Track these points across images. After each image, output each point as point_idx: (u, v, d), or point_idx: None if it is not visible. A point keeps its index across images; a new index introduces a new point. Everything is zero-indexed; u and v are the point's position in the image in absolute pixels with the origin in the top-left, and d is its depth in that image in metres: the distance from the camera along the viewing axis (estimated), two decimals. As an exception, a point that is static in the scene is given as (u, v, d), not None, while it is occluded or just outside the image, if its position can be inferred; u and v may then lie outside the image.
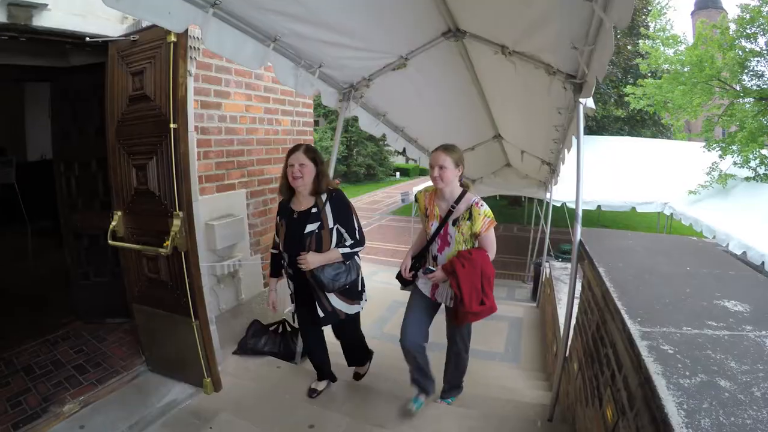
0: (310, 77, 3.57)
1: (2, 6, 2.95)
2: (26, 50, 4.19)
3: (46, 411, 3.48)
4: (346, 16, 2.90)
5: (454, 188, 3.22)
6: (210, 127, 4.07)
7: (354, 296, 3.46)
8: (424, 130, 5.68)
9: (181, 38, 3.06)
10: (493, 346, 6.19)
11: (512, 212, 21.74)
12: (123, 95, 3.51)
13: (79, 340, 4.64)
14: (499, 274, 11.91)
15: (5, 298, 6.21)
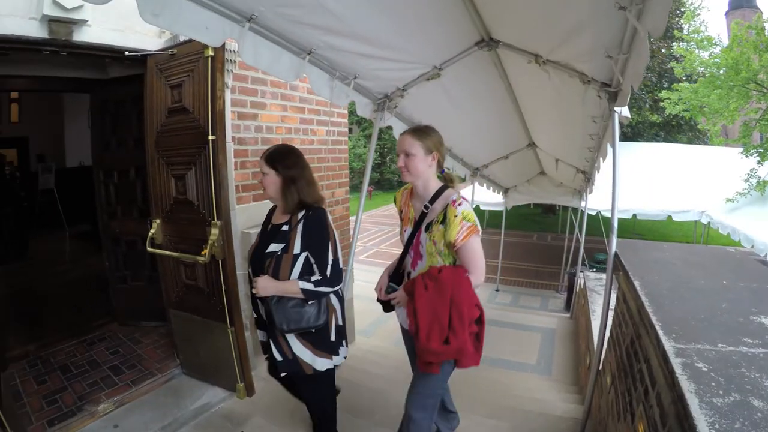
0: (345, 88, 3.58)
1: (44, 22, 3.10)
2: (67, 63, 4.37)
3: (81, 409, 3.59)
4: (380, 28, 2.91)
5: (428, 183, 2.50)
6: (247, 138, 4.13)
7: (322, 346, 2.66)
8: (457, 139, 5.69)
9: (218, 52, 3.15)
10: (525, 357, 6.12)
11: (546, 220, 21.42)
12: (162, 107, 3.61)
13: (115, 341, 4.78)
14: (533, 284, 12.03)
15: (44, 299, 6.41)
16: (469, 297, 2.31)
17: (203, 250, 3.28)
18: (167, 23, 2.33)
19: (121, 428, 3.40)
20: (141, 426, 3.41)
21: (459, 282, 2.28)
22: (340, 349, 2.74)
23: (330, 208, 5.21)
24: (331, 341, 2.68)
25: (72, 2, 3.11)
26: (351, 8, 2.63)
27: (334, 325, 2.70)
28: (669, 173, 11.60)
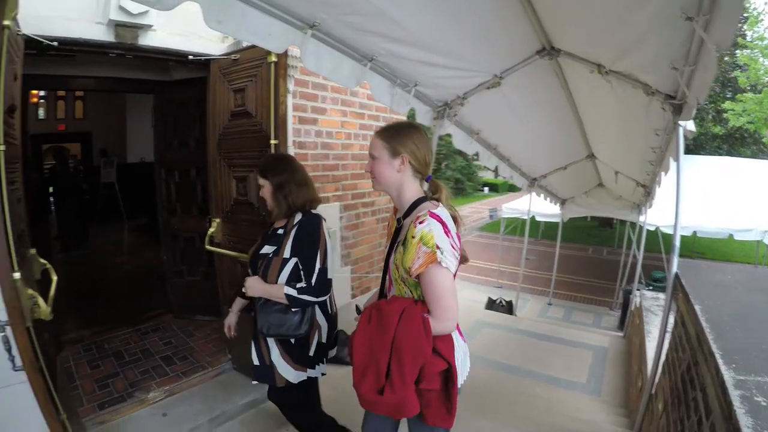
0: (405, 96, 3.60)
1: (110, 26, 3.26)
2: (132, 65, 4.57)
3: (132, 396, 3.73)
4: (442, 36, 2.90)
5: (402, 192, 2.04)
6: (307, 142, 4.22)
7: (300, 359, 2.56)
8: (516, 148, 5.61)
9: (281, 58, 3.21)
10: (575, 375, 5.97)
11: (603, 234, 20.92)
12: (225, 110, 3.70)
13: (169, 333, 4.94)
14: (586, 299, 11.82)
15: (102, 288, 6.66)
16: (418, 343, 1.74)
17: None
18: (231, 30, 2.40)
19: (170, 417, 3.51)
20: (189, 416, 3.51)
21: (408, 321, 1.77)
22: (317, 366, 2.63)
23: (385, 215, 5.25)
24: (310, 356, 2.58)
25: (137, 8, 3.24)
26: (412, 16, 2.63)
27: (316, 341, 2.60)
28: (731, 189, 11.07)
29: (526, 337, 7.26)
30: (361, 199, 5.03)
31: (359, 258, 5.08)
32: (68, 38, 3.14)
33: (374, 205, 5.16)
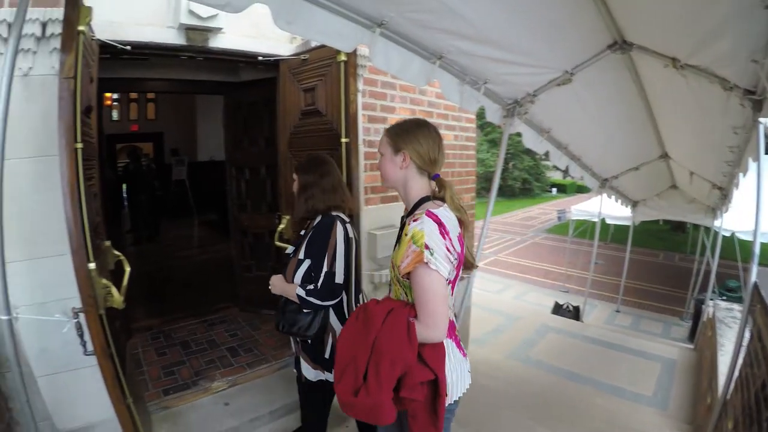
0: (475, 93, 3.53)
1: (181, 30, 3.36)
2: (202, 67, 4.76)
3: (196, 384, 3.84)
4: (511, 32, 2.83)
5: (408, 190, 1.99)
6: (377, 141, 4.16)
7: (317, 359, 2.57)
8: (587, 147, 5.41)
9: (350, 57, 3.22)
10: (641, 387, 5.74)
11: (675, 239, 20.02)
12: (295, 109, 3.76)
13: (235, 325, 5.06)
14: (656, 308, 11.41)
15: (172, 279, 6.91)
16: (398, 347, 1.64)
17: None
18: (300, 30, 2.42)
19: (232, 406, 3.59)
20: (250, 407, 3.57)
21: (392, 323, 1.69)
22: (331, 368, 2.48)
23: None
24: (325, 358, 2.54)
25: (207, 11, 3.33)
26: (481, 12, 2.58)
27: (330, 343, 2.54)
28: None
29: (591, 344, 7.06)
30: (427, 200, 4.94)
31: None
32: (141, 42, 3.27)
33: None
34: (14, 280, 2.35)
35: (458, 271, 1.81)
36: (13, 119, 2.01)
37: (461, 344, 1.94)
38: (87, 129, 2.54)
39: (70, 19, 2.22)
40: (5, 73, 1.86)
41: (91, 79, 2.76)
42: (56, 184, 2.28)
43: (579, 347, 6.92)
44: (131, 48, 3.18)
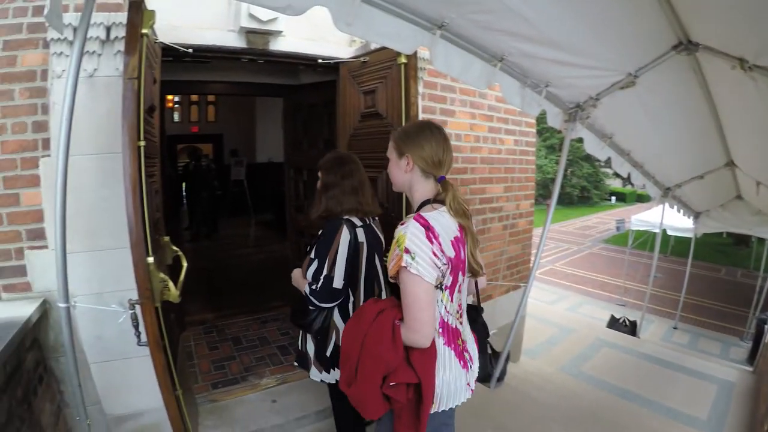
0: (536, 97, 3.44)
1: (241, 34, 3.40)
2: (262, 70, 4.82)
3: (245, 379, 3.89)
4: (573, 33, 2.73)
5: (413, 194, 1.98)
6: None
7: (320, 357, 2.61)
8: (650, 154, 5.18)
9: (411, 59, 3.18)
10: (695, 409, 5.44)
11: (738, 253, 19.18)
12: (355, 112, 3.75)
13: (287, 324, 5.08)
14: (715, 326, 11.01)
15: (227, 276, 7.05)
16: (380, 346, 1.70)
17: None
18: (360, 32, 2.40)
19: (279, 404, 3.60)
20: (297, 406, 3.59)
21: (379, 323, 1.74)
22: (332, 370, 2.58)
23: (513, 221, 5.13)
24: (327, 356, 2.57)
25: (267, 15, 3.36)
26: (542, 12, 2.50)
27: (333, 342, 2.57)
28: None
29: (646, 361, 6.76)
30: (488, 204, 4.87)
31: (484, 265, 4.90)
32: (202, 45, 3.33)
33: (502, 211, 4.99)
34: (74, 270, 2.45)
35: (455, 276, 1.77)
36: (78, 118, 2.11)
37: (465, 354, 1.90)
38: (149, 128, 2.61)
39: (133, 23, 2.30)
40: (71, 74, 1.92)
41: (154, 80, 2.84)
42: (118, 181, 2.36)
43: (633, 364, 6.66)
44: (193, 51, 3.25)
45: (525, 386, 3.92)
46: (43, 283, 2.94)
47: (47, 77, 2.86)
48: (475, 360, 1.98)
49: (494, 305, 4.72)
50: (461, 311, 1.88)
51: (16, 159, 2.87)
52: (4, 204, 2.87)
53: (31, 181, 2.89)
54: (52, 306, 2.93)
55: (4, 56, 2.82)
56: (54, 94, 2.82)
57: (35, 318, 2.75)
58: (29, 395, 2.64)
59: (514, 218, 5.13)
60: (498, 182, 4.88)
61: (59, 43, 2.73)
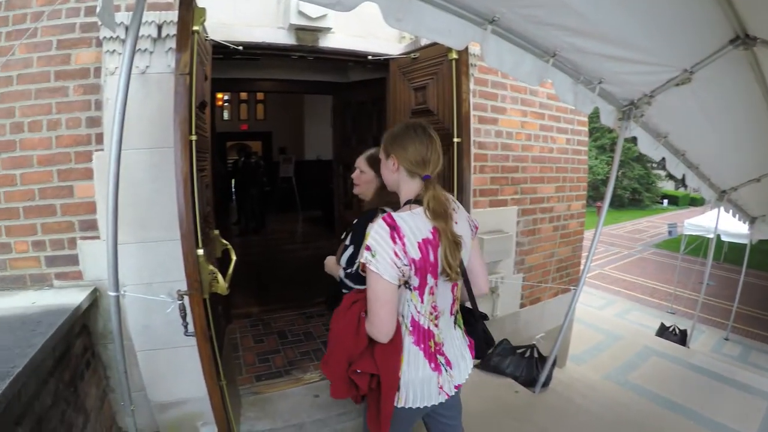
0: (589, 94, 3.36)
1: (291, 31, 3.42)
2: (311, 68, 4.87)
3: (289, 373, 3.90)
4: (626, 27, 2.64)
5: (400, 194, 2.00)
6: (487, 142, 4.13)
7: None
8: (706, 155, 4.96)
9: (462, 55, 3.12)
10: (744, 425, 5.13)
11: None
12: (405, 108, 3.71)
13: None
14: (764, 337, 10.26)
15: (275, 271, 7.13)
16: (345, 334, 1.81)
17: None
18: (411, 27, 2.39)
19: (321, 399, 3.59)
20: (340, 402, 3.52)
21: (350, 314, 1.83)
22: None
23: (564, 222, 5.05)
24: None
25: (316, 12, 3.36)
26: (595, 6, 2.43)
27: None
28: None
29: (695, 373, 6.48)
30: (539, 204, 4.80)
31: (533, 266, 4.86)
32: (252, 42, 3.37)
33: (552, 212, 4.91)
34: (125, 260, 2.53)
35: (422, 278, 1.74)
36: (130, 113, 2.16)
37: (438, 357, 1.88)
38: (201, 123, 2.65)
39: (184, 20, 2.33)
40: (123, 71, 1.98)
41: (206, 76, 2.88)
42: (169, 175, 2.42)
43: (681, 375, 6.39)
44: (243, 48, 3.28)
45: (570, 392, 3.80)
46: (95, 272, 3.05)
47: (100, 74, 2.96)
48: (457, 365, 1.94)
49: (542, 308, 4.64)
50: (437, 314, 1.85)
51: (70, 153, 2.99)
52: (59, 195, 3.00)
53: (84, 173, 3.01)
54: (103, 294, 3.04)
55: (58, 55, 2.96)
56: (107, 90, 2.92)
57: (85, 305, 2.86)
58: (76, 379, 2.74)
59: (565, 219, 5.04)
60: (549, 182, 4.80)
61: (112, 42, 2.84)
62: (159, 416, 3.25)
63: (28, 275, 3.05)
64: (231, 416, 2.83)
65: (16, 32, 2.92)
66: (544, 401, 3.94)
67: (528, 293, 4.83)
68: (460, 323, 2.06)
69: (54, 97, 2.96)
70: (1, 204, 2.97)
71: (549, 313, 4.76)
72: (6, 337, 2.26)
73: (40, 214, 3.00)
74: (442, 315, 1.88)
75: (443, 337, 1.89)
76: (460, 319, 2.06)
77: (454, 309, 1.95)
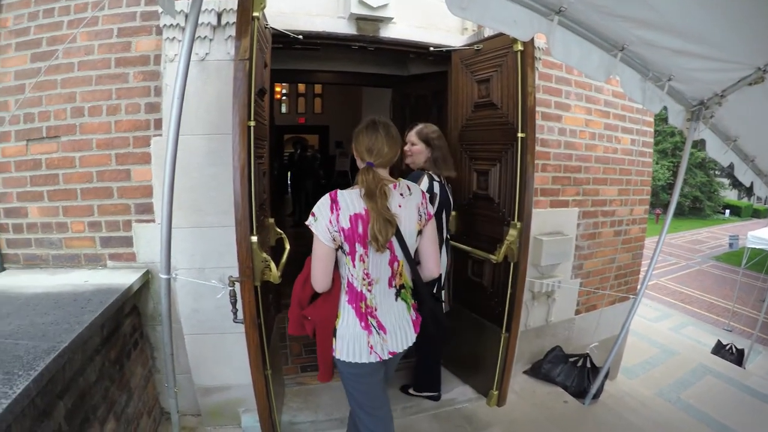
0: (658, 92, 3.18)
1: (351, 20, 3.37)
2: (370, 60, 4.82)
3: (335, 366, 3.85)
4: (698, 20, 2.47)
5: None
6: (549, 140, 3.99)
7: None
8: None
9: (527, 47, 3.01)
10: None
11: None
12: (467, 102, 3.63)
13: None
14: None
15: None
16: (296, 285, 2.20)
17: (497, 249, 3.17)
18: (475, 16, 2.34)
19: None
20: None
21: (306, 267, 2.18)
22: None
23: (626, 226, 4.83)
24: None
25: (377, 1, 3.29)
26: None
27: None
28: None
29: (751, 396, 6.11)
30: (601, 207, 4.60)
31: (591, 272, 4.66)
32: (312, 32, 3.33)
33: (614, 215, 4.70)
34: (178, 244, 2.59)
35: (352, 246, 2.05)
36: (189, 99, 2.22)
37: (370, 319, 2.13)
38: (260, 110, 2.65)
39: (244, 5, 2.34)
40: (182, 57, 2.02)
41: (265, 64, 2.88)
42: (226, 161, 2.46)
43: (737, 397, 6.05)
44: (303, 38, 3.25)
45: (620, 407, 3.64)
46: (148, 254, 3.13)
47: (160, 61, 3.03)
48: (394, 333, 2.17)
49: (598, 316, 4.46)
50: (370, 280, 2.11)
51: (128, 137, 3.07)
52: (116, 179, 3.08)
53: (142, 158, 3.08)
54: (154, 276, 3.12)
55: (119, 42, 3.05)
56: (166, 77, 2.97)
57: (137, 286, 2.93)
58: (122, 358, 2.80)
59: (627, 224, 4.80)
60: (612, 184, 4.59)
61: (172, 29, 2.88)
62: (201, 400, 3.30)
63: (82, 254, 3.15)
64: (273, 405, 2.84)
65: (77, 21, 3.03)
66: (593, 414, 3.81)
67: (584, 300, 4.64)
68: (407, 298, 2.24)
69: (114, 83, 3.05)
70: (60, 185, 3.09)
71: (604, 322, 4.57)
72: (56, 312, 2.33)
73: (97, 196, 3.09)
74: (377, 283, 2.12)
75: (377, 303, 2.13)
76: (408, 295, 2.24)
77: (393, 282, 2.16)
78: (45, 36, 3.07)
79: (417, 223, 2.17)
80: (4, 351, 1.88)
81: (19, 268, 3.16)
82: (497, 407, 3.48)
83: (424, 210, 2.21)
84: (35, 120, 3.08)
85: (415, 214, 2.16)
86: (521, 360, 4.18)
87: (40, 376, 1.72)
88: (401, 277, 2.19)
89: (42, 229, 3.14)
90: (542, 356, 4.21)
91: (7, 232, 3.16)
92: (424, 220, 2.20)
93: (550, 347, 4.26)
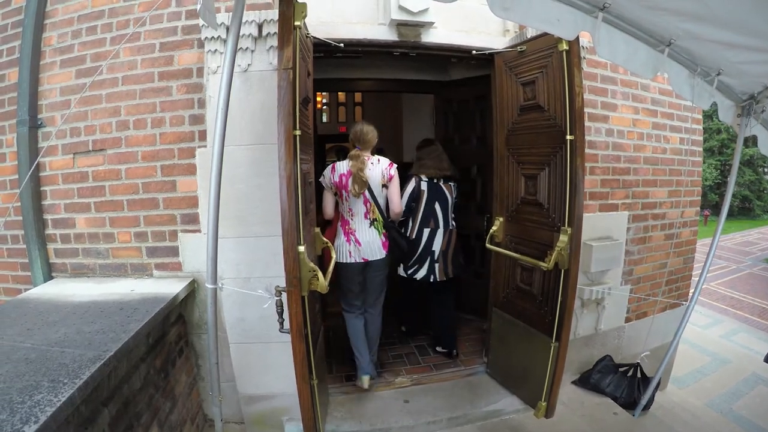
0: (707, 87, 3.07)
1: (392, 27, 3.37)
2: (410, 67, 4.89)
3: (379, 375, 3.87)
4: (747, 11, 2.35)
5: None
6: (597, 141, 3.91)
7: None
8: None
9: (573, 46, 2.95)
10: None
11: None
12: (513, 105, 3.57)
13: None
14: None
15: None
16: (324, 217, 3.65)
17: (547, 256, 3.11)
18: (518, 17, 2.29)
19: (411, 404, 3.53)
20: (429, 409, 3.48)
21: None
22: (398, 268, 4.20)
23: (677, 230, 4.68)
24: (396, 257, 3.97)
25: (417, 6, 3.28)
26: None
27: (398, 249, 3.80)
28: None
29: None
30: (651, 210, 4.45)
31: (641, 277, 4.52)
32: (353, 40, 3.34)
33: (665, 218, 4.54)
34: (224, 254, 2.62)
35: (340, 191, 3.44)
36: (233, 110, 2.23)
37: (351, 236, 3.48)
38: (304, 119, 2.64)
39: (285, 15, 2.36)
40: (225, 69, 2.02)
41: (308, 73, 2.88)
42: (270, 171, 2.55)
43: None
44: (344, 46, 3.27)
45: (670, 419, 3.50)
46: (194, 264, 3.20)
47: (203, 74, 3.09)
48: (368, 246, 3.49)
49: (649, 324, 4.28)
50: (352, 213, 3.47)
51: (173, 149, 3.15)
52: (162, 190, 3.16)
53: (187, 169, 3.15)
54: (200, 286, 3.18)
55: (162, 56, 3.15)
56: (210, 89, 3.04)
57: (182, 296, 2.98)
58: (167, 366, 2.85)
59: (678, 227, 4.64)
60: (662, 186, 4.43)
61: (213, 42, 2.95)
62: (245, 408, 3.33)
63: (129, 264, 3.24)
64: (318, 414, 2.82)
65: (119, 37, 3.14)
66: (643, 426, 3.67)
67: (634, 307, 4.49)
68: (378, 228, 3.54)
69: (158, 97, 3.13)
70: (107, 196, 3.19)
71: (655, 329, 4.40)
72: (103, 321, 2.38)
73: (143, 207, 3.18)
74: (357, 215, 3.46)
75: (356, 227, 3.47)
76: (380, 226, 3.55)
77: (368, 216, 3.49)
78: (89, 53, 3.19)
79: (381, 179, 3.50)
80: (51, 359, 1.92)
81: (67, 277, 3.27)
82: (545, 419, 3.36)
83: (387, 173, 3.52)
84: (81, 134, 3.20)
85: (379, 175, 3.49)
86: (570, 370, 4.06)
87: (85, 385, 1.76)
88: (373, 213, 3.51)
89: (89, 239, 3.24)
90: (591, 366, 4.10)
91: (55, 242, 3.27)
92: (386, 178, 3.51)
93: (600, 356, 4.15)
